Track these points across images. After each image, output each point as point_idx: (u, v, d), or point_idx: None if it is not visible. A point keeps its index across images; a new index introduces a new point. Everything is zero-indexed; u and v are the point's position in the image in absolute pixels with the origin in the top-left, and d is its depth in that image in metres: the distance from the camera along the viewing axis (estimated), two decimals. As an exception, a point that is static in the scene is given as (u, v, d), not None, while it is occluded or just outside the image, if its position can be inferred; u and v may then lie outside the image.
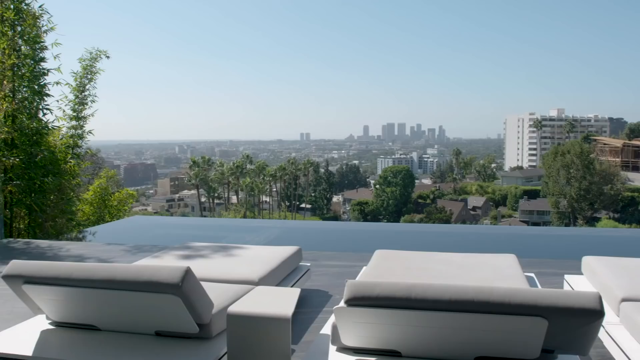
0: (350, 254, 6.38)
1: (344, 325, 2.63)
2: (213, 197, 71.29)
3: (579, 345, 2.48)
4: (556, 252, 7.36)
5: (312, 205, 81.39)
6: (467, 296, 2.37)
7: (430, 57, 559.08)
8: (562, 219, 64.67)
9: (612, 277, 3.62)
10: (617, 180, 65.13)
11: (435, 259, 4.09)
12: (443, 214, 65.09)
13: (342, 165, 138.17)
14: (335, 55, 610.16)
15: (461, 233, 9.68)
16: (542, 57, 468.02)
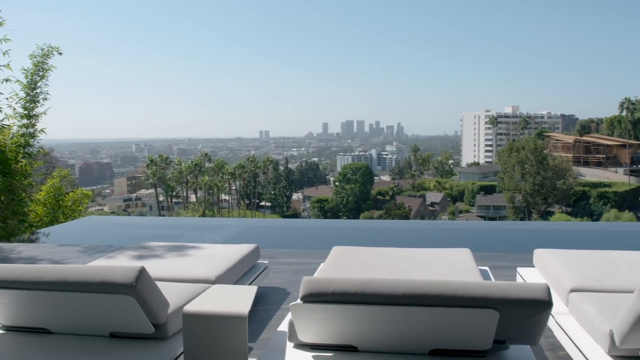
0: (309, 251, 6.39)
1: (300, 321, 2.64)
2: (171, 196, 70.40)
3: (529, 336, 2.55)
4: (510, 245, 7.52)
5: (271, 203, 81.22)
6: (421, 290, 2.41)
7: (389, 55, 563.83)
8: (517, 214, 66.18)
9: (561, 268, 3.73)
10: (569, 175, 66.99)
11: (391, 254, 4.13)
12: (402, 210, 65.81)
13: (301, 162, 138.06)
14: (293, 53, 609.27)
15: (419, 229, 9.80)
16: (498, 54, 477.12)
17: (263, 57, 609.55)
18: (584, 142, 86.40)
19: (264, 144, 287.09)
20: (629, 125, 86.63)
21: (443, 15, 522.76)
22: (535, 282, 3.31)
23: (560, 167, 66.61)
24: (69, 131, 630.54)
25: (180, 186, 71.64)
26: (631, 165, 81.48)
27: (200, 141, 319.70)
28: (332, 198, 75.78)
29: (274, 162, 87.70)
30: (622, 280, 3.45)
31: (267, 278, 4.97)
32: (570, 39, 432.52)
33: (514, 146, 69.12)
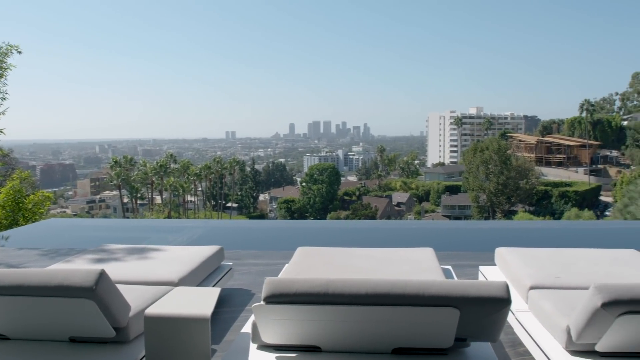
0: (274, 252, 6.37)
1: (263, 322, 2.63)
2: (136, 197, 69.34)
3: (489, 333, 2.59)
4: (473, 244, 7.62)
5: (238, 204, 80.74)
6: (383, 290, 2.42)
7: (355, 56, 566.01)
8: (482, 213, 67.10)
9: (522, 266, 3.80)
10: (532, 175, 68.22)
11: (356, 254, 4.15)
12: (368, 210, 66.13)
13: (268, 163, 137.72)
14: (259, 53, 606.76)
15: (384, 229, 9.87)
16: (463, 55, 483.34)
17: (229, 58, 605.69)
18: (545, 142, 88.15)
19: (231, 144, 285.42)
20: (588, 126, 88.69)
21: (409, 17, 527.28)
22: (495, 280, 3.37)
23: (523, 167, 67.78)
24: (29, 132, 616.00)
25: (145, 187, 70.63)
26: (591, 165, 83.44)
27: (165, 142, 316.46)
28: (299, 199, 75.70)
29: (241, 162, 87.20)
30: (579, 277, 3.53)
31: (232, 279, 4.95)
32: (533, 42, 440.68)
33: (478, 146, 70.07)
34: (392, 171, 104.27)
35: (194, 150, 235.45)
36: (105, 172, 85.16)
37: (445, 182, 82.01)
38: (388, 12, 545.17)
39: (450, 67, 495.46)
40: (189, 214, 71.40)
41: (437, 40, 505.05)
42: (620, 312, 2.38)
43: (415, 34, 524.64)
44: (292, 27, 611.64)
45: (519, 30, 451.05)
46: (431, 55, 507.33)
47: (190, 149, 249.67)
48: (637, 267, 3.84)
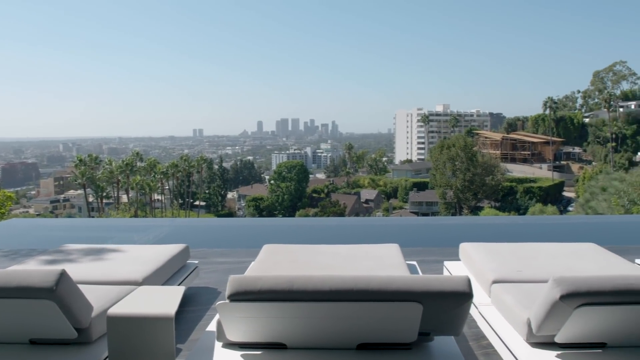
0: (240, 250, 6.35)
1: (228, 320, 2.62)
2: (101, 196, 68.24)
3: (452, 327, 2.63)
4: (438, 240, 7.71)
5: (206, 203, 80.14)
6: (347, 286, 2.44)
7: (323, 54, 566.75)
8: (449, 209, 67.90)
9: (485, 261, 3.86)
10: (498, 172, 69.28)
11: (321, 251, 4.16)
12: (337, 207, 66.32)
13: (236, 161, 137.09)
14: (225, 51, 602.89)
15: (351, 225, 9.92)
16: (429, 53, 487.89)
17: (196, 55, 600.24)
18: (510, 139, 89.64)
19: (198, 142, 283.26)
20: (552, 123, 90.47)
21: (376, 14, 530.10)
22: (459, 274, 3.42)
23: (489, 164, 68.79)
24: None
25: (110, 186, 69.62)
26: (554, 161, 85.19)
27: (131, 140, 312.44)
28: (267, 196, 75.49)
29: (208, 160, 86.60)
30: (540, 271, 3.61)
31: (198, 278, 4.91)
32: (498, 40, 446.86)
33: (445, 144, 70.82)
34: (360, 168, 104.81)
35: (161, 149, 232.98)
36: (69, 171, 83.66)
37: (413, 179, 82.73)
38: (355, 9, 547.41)
39: (418, 64, 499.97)
40: (156, 212, 70.63)
41: (404, 37, 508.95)
42: (578, 304, 2.44)
43: (382, 32, 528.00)
44: (259, 24, 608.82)
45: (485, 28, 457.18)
46: (398, 53, 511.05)
47: (157, 147, 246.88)
48: (596, 260, 3.94)
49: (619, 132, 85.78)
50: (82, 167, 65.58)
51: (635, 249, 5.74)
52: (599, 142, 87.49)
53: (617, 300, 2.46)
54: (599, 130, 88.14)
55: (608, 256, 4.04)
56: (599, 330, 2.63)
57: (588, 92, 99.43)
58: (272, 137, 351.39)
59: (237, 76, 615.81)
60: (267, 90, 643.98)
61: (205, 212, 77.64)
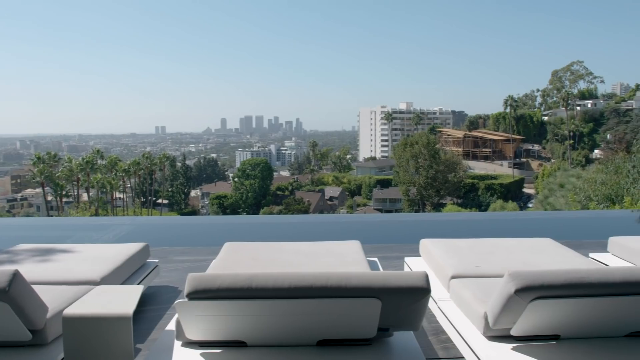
0: (202, 248, 6.30)
1: (187, 319, 2.60)
2: (61, 195, 66.78)
3: (411, 322, 2.66)
4: (400, 237, 7.79)
5: (169, 201, 79.19)
6: (306, 282, 2.44)
7: (286, 51, 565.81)
8: (412, 206, 68.57)
9: (444, 257, 3.91)
10: (460, 169, 70.27)
11: (283, 248, 4.16)
12: (301, 205, 66.33)
13: (199, 158, 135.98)
14: (188, 48, 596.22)
15: (314, 223, 9.94)
16: (392, 51, 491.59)
17: (158, 52, 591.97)
18: (472, 137, 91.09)
19: (161, 140, 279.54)
20: (512, 121, 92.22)
21: (339, 13, 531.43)
22: (422, 270, 3.46)
23: (451, 161, 69.69)
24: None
25: (70, 185, 68.22)
26: (515, 158, 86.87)
27: (92, 137, 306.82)
28: (231, 194, 75.01)
29: (171, 158, 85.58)
30: (498, 266, 3.67)
31: (158, 277, 4.85)
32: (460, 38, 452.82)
33: (408, 141, 71.47)
34: (324, 166, 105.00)
35: (123, 146, 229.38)
36: (27, 169, 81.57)
37: (377, 176, 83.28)
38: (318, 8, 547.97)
39: (381, 62, 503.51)
40: (117, 211, 69.50)
41: (367, 36, 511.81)
42: (532, 298, 2.49)
43: (346, 30, 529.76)
44: (223, 23, 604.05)
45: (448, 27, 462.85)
46: (362, 51, 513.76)
47: (119, 144, 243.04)
48: (551, 254, 4.04)
49: (576, 130, 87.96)
50: (41, 165, 64.06)
51: (590, 243, 5.89)
52: (557, 139, 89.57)
53: (569, 293, 2.52)
54: (557, 128, 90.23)
55: (563, 251, 4.14)
56: (552, 322, 2.69)
57: (547, 91, 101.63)
58: (236, 134, 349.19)
59: (201, 73, 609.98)
60: (230, 88, 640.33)
61: (168, 210, 76.71)
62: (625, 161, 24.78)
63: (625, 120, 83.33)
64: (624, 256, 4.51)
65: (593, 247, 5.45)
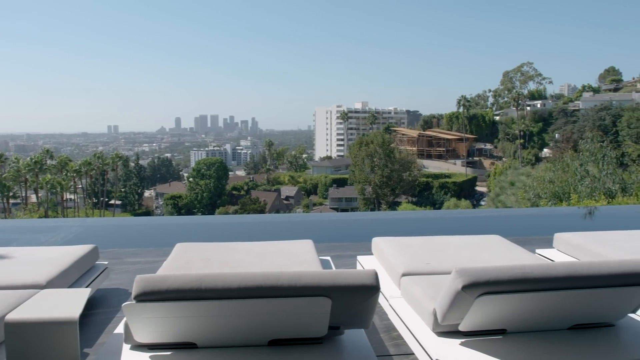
0: (153, 249, 6.20)
1: (135, 322, 2.56)
2: (7, 196, 64.70)
3: (361, 319, 2.69)
4: (354, 235, 7.85)
5: (122, 202, 77.73)
6: (256, 282, 2.43)
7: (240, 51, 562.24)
8: (367, 205, 69.15)
9: (395, 255, 3.96)
10: (414, 168, 71.25)
11: (235, 248, 4.13)
12: (257, 204, 66.06)
13: (153, 158, 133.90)
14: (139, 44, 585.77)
15: (269, 222, 9.91)
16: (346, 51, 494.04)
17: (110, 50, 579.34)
18: (426, 136, 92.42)
19: (113, 139, 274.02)
20: (465, 120, 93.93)
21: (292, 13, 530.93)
22: (371, 268, 3.49)
23: (406, 160, 70.59)
24: None
25: (18, 186, 66.18)
26: (467, 157, 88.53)
27: (41, 137, 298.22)
28: (186, 194, 74.15)
29: (124, 158, 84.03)
30: (447, 263, 3.74)
31: (108, 279, 4.76)
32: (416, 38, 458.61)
33: (364, 140, 72.05)
34: (280, 165, 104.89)
35: (73, 146, 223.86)
36: (-29, 170, 78.86)
37: (333, 175, 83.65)
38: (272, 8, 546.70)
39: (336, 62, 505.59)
40: (68, 212, 67.81)
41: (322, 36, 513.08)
42: (479, 294, 2.55)
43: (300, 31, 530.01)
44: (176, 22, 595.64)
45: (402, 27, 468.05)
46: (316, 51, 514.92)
47: (69, 144, 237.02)
48: (499, 251, 4.13)
49: (526, 130, 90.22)
50: (-14, 166, 62.00)
51: (537, 239, 6.05)
52: (508, 139, 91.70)
53: (514, 288, 2.58)
54: (508, 127, 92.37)
55: (511, 247, 4.24)
56: (499, 317, 2.76)
57: (498, 92, 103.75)
58: (190, 133, 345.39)
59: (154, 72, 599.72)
60: (185, 86, 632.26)
61: (122, 211, 75.31)
62: (573, 159, 25.61)
63: (573, 120, 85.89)
64: (569, 251, 4.65)
65: (540, 243, 5.60)
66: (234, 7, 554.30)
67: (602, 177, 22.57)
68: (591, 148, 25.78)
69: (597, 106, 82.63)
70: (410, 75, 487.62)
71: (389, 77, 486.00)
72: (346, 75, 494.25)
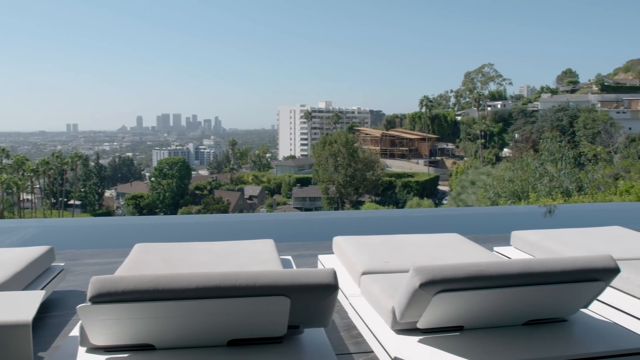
0: (113, 250, 6.09)
1: (90, 324, 2.51)
2: (-39, 197, 62.86)
3: (320, 318, 2.69)
4: (316, 234, 7.86)
5: (82, 202, 76.24)
6: (214, 282, 2.42)
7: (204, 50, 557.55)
8: (331, 204, 69.37)
9: (355, 253, 3.98)
10: (377, 167, 71.79)
11: (195, 248, 4.09)
12: (220, 204, 65.61)
13: (114, 158, 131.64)
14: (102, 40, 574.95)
15: (231, 222, 9.86)
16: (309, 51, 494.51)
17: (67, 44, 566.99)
18: (389, 136, 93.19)
19: (72, 138, 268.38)
20: (427, 120, 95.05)
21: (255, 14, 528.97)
22: (330, 267, 3.50)
23: (369, 159, 71.06)
24: None
25: (-28, 186, 64.30)
26: (430, 157, 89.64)
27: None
28: (148, 194, 73.17)
29: (84, 157, 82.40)
30: (406, 261, 3.77)
31: (65, 281, 4.66)
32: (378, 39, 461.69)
33: (327, 140, 72.26)
34: (243, 164, 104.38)
35: (31, 145, 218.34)
36: None
37: (296, 174, 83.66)
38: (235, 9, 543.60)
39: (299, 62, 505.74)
40: (25, 213, 66.17)
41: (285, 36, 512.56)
42: (436, 291, 2.58)
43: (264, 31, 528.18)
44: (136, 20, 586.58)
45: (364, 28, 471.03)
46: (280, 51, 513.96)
47: (26, 143, 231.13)
48: (458, 249, 4.19)
49: (487, 130, 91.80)
50: (-62, 165, 60.02)
51: (495, 237, 6.17)
52: (469, 138, 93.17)
53: (470, 285, 2.63)
54: (470, 127, 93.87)
55: (469, 245, 4.31)
56: (456, 314, 2.80)
57: (460, 92, 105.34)
58: (152, 132, 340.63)
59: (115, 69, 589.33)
60: (147, 85, 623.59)
61: (81, 211, 73.86)
62: (534, 159, 26.18)
63: (532, 121, 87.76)
64: (525, 249, 4.75)
65: (498, 241, 5.70)
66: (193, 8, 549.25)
67: (560, 176, 23.15)
68: (550, 148, 26.41)
69: (555, 107, 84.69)
70: (374, 75, 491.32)
71: (352, 77, 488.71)
72: (310, 75, 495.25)
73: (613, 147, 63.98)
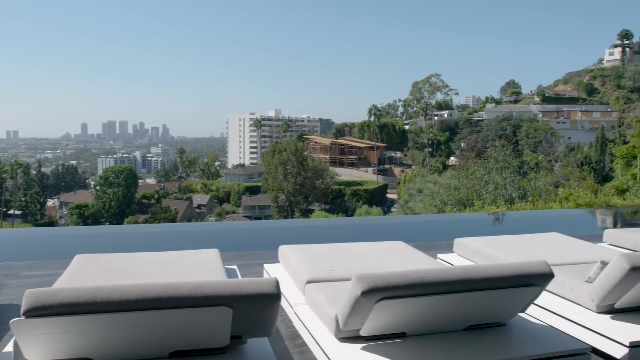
0: (53, 261, 5.90)
1: (25, 339, 2.42)
2: None
3: (263, 328, 2.69)
4: (262, 244, 7.82)
5: (22, 211, 73.61)
6: (154, 294, 2.38)
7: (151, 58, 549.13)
8: (281, 212, 69.18)
9: (300, 262, 3.99)
10: (327, 175, 72.09)
11: (139, 259, 4.02)
12: (168, 213, 64.51)
13: (57, 166, 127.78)
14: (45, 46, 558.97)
15: (177, 231, 9.71)
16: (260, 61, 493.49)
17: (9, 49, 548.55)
18: (339, 144, 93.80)
19: (13, 145, 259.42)
20: (376, 129, 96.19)
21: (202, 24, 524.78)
22: (274, 276, 3.50)
23: (319, 168, 71.29)
24: None
25: None
26: (379, 165, 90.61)
27: None
28: (92, 203, 71.31)
29: (24, 165, 79.65)
30: (351, 270, 3.80)
31: (0, 295, 4.49)
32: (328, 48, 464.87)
33: (277, 148, 72.15)
34: (192, 173, 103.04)
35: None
36: None
37: (246, 183, 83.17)
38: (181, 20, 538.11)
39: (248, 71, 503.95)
40: (-39, 223, 63.44)
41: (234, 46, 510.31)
42: (378, 299, 2.61)
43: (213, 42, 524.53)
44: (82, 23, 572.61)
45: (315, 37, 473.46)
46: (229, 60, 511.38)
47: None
48: (402, 257, 4.25)
49: (434, 139, 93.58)
50: None
51: (440, 245, 6.27)
52: (417, 147, 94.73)
53: (412, 292, 2.67)
54: (417, 136, 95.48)
55: (413, 253, 4.38)
56: (398, 321, 2.84)
57: (408, 101, 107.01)
58: (98, 140, 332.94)
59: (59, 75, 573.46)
60: (92, 91, 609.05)
61: (22, 221, 71.30)
62: (480, 166, 26.81)
63: (477, 130, 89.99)
64: (467, 255, 4.86)
65: (442, 248, 5.80)
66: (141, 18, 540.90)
67: (505, 184, 23.79)
68: (498, 156, 27.09)
69: (499, 117, 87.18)
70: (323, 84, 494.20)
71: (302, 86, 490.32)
72: (259, 83, 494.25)
73: (553, 155, 66.28)
